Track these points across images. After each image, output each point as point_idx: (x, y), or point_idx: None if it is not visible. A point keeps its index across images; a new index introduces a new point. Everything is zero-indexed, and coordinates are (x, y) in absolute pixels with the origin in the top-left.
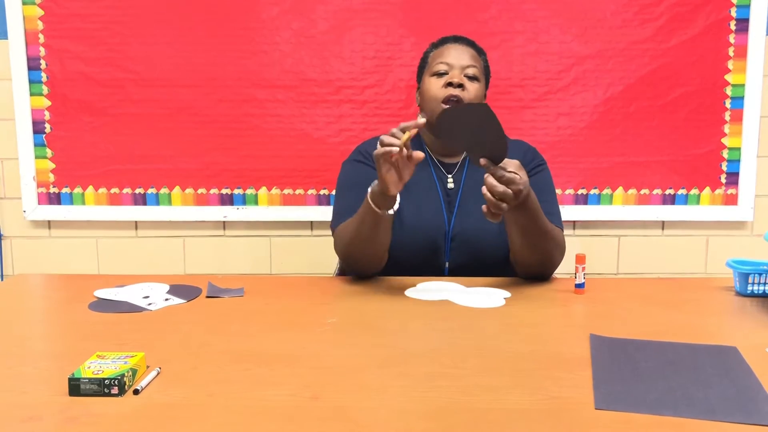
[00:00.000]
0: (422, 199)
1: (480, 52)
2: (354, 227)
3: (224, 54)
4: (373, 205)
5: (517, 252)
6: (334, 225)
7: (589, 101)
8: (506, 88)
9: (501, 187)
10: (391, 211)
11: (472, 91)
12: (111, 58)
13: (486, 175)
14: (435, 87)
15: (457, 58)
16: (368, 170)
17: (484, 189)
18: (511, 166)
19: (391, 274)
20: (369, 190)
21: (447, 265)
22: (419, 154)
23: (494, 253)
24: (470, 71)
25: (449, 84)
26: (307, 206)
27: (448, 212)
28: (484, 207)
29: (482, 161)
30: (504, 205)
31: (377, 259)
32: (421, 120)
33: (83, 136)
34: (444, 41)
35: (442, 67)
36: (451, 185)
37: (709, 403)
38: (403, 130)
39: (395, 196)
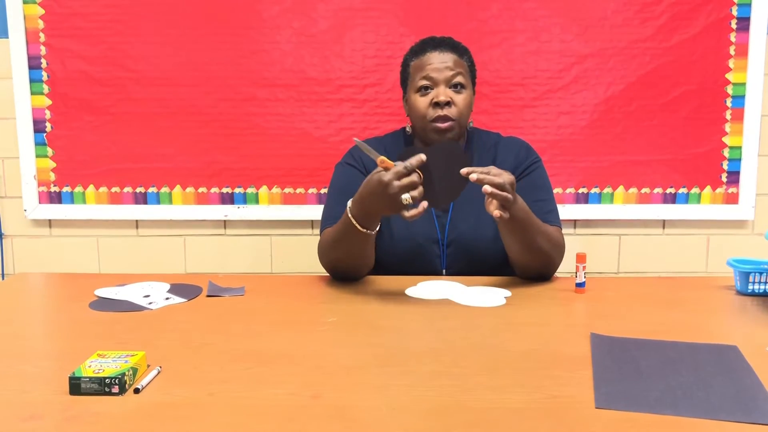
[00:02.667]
0: None
1: (463, 52)
2: (336, 243)
3: (225, 53)
4: (357, 225)
5: (515, 257)
6: (322, 229)
7: (589, 100)
8: (507, 86)
9: (499, 179)
10: (375, 230)
11: (460, 103)
12: (112, 57)
13: (476, 176)
14: (422, 106)
15: (440, 70)
16: (358, 175)
17: (486, 187)
18: (494, 170)
19: None
20: (348, 209)
21: (444, 272)
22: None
23: (491, 257)
24: (455, 80)
25: (436, 104)
26: (307, 205)
27: (441, 219)
28: (492, 206)
29: (464, 171)
30: (510, 196)
31: (361, 269)
32: (423, 156)
33: (84, 135)
34: (423, 48)
35: (425, 83)
36: None
37: (709, 402)
38: (407, 169)
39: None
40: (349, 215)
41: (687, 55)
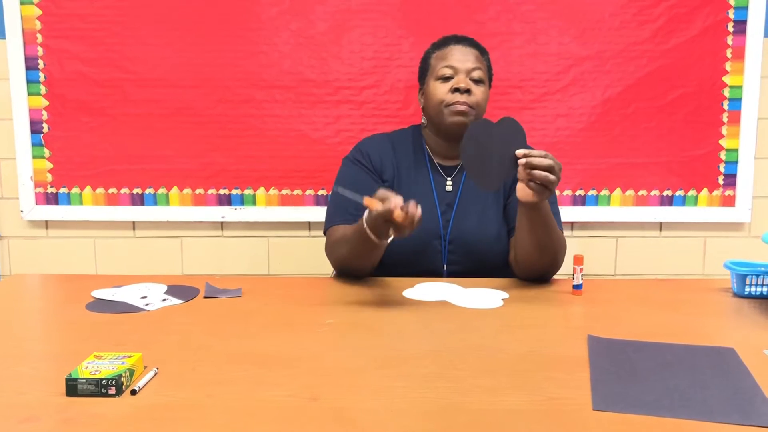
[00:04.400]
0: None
1: (483, 51)
2: (348, 248)
3: (223, 54)
4: (372, 236)
5: (526, 252)
6: (327, 225)
7: (587, 102)
8: (505, 89)
9: (549, 161)
10: (390, 240)
11: (478, 94)
12: (109, 58)
13: (525, 152)
14: (441, 92)
15: (462, 61)
16: (366, 172)
17: (535, 166)
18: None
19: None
20: (365, 218)
21: (445, 268)
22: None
23: (492, 256)
24: (475, 74)
25: (456, 90)
26: (305, 207)
27: (445, 215)
28: (524, 192)
29: (519, 152)
30: (553, 177)
31: (368, 269)
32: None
33: (81, 136)
34: (446, 42)
35: (447, 71)
36: (449, 188)
37: (706, 404)
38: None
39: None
40: (365, 226)
41: (684, 58)
